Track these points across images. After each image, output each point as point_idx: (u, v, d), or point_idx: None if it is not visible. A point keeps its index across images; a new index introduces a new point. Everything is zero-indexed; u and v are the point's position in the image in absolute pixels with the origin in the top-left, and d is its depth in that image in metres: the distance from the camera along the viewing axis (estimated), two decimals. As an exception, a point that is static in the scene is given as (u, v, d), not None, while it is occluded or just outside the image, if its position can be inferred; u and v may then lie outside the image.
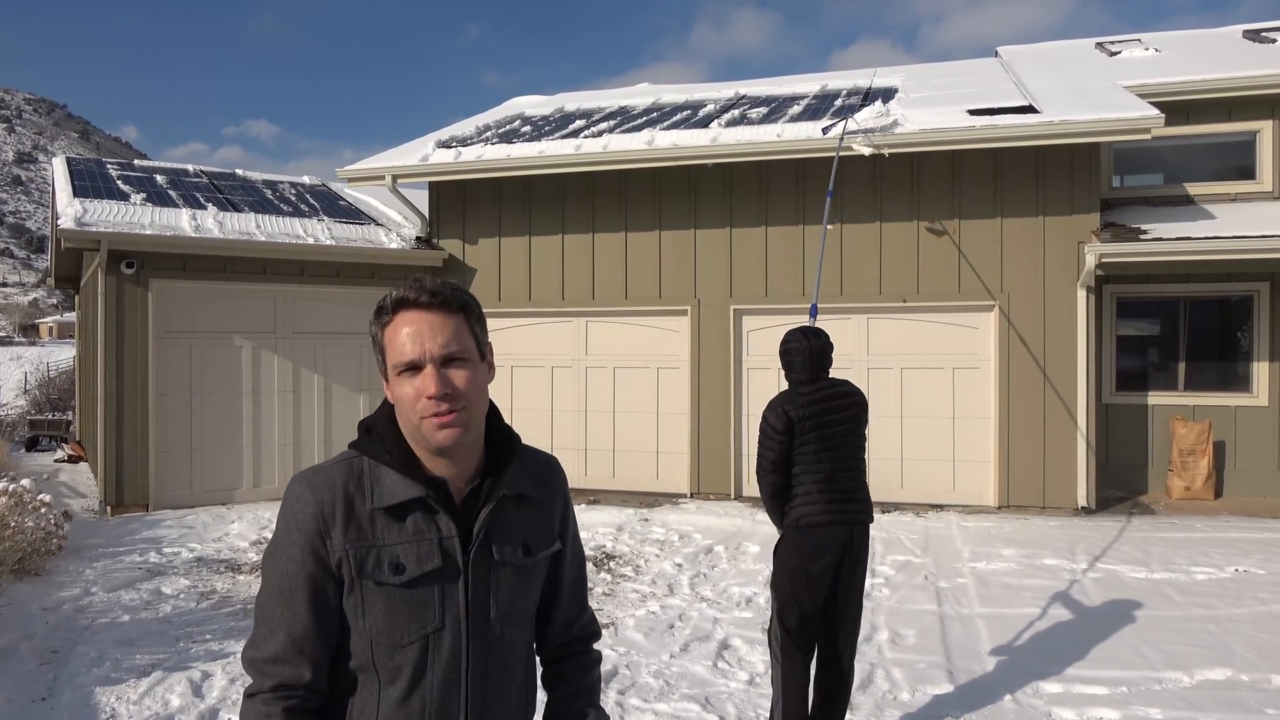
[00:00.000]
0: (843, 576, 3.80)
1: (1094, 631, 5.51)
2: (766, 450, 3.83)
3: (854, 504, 3.82)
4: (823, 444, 3.79)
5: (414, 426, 1.48)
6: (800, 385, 3.90)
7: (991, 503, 9.18)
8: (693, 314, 10.04)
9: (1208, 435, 9.40)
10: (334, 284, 10.30)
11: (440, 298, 1.49)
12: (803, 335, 3.94)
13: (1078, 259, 8.91)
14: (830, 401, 3.86)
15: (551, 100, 14.31)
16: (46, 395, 20.62)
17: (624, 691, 4.68)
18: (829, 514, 3.76)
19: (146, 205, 9.89)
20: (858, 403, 3.94)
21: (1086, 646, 5.26)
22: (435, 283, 1.50)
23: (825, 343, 3.96)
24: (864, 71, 13.11)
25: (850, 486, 3.83)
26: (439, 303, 1.48)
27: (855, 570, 3.83)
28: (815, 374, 3.90)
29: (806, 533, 3.76)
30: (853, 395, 3.94)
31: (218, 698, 4.59)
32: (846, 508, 3.79)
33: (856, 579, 3.85)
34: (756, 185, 9.86)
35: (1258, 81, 9.73)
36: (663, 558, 7.45)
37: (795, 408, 3.80)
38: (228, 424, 9.78)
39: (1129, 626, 5.58)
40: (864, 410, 3.96)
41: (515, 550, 1.57)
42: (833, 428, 3.83)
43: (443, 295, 1.49)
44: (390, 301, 1.50)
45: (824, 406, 3.84)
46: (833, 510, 3.76)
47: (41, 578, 6.61)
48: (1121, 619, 5.72)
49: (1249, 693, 4.58)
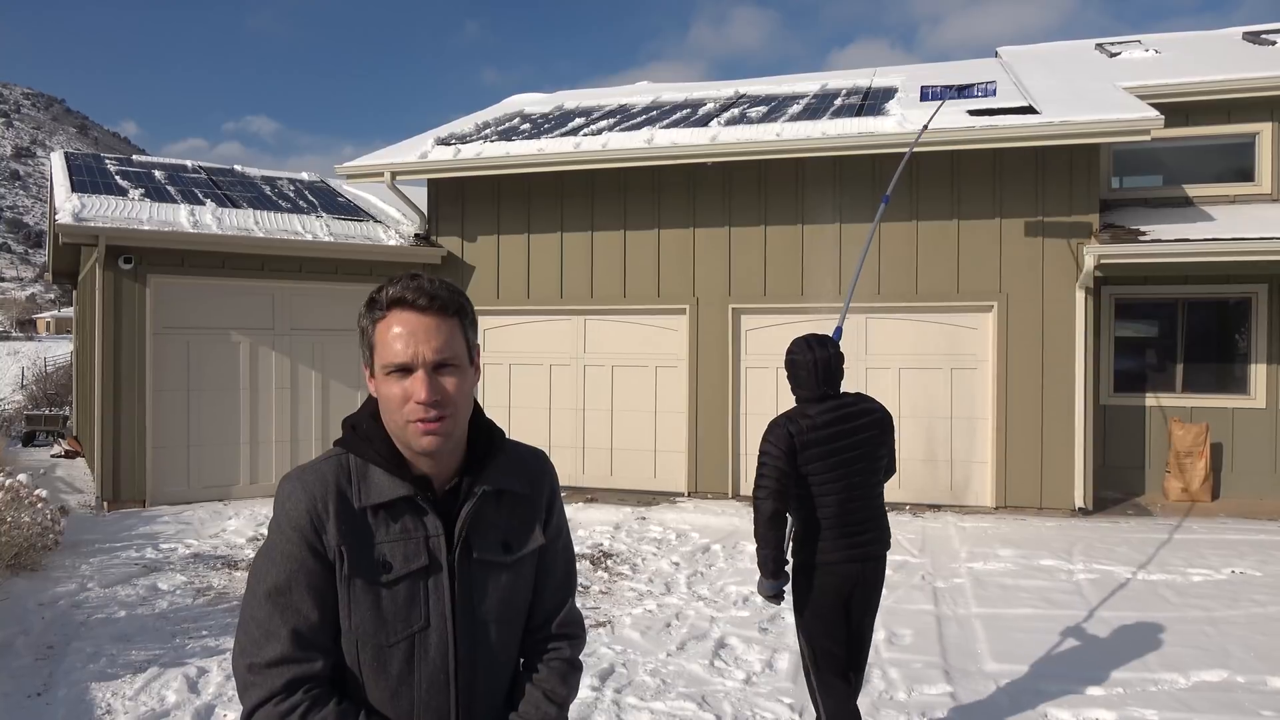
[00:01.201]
0: (853, 612, 3.54)
1: (1090, 633, 5.51)
2: (764, 475, 3.43)
3: (865, 537, 3.47)
4: (831, 471, 3.42)
5: (399, 427, 1.48)
6: (809, 404, 3.50)
7: (989, 503, 9.19)
8: (691, 313, 10.04)
9: (1205, 437, 9.41)
10: (332, 281, 10.28)
11: (438, 302, 1.47)
12: (808, 345, 3.54)
13: (1076, 260, 8.92)
14: (843, 424, 3.46)
15: (551, 98, 14.30)
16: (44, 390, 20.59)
17: (620, 690, 4.68)
18: (836, 550, 3.44)
19: (145, 201, 9.87)
20: (878, 421, 3.54)
21: (1083, 647, 5.26)
22: (433, 284, 1.48)
23: (835, 353, 3.52)
24: (864, 71, 13.11)
25: (861, 518, 3.47)
26: (436, 306, 1.47)
27: (866, 605, 3.56)
28: (825, 390, 3.49)
29: (820, 572, 3.46)
30: (871, 413, 3.54)
31: (214, 694, 4.59)
32: (857, 542, 3.45)
33: (867, 614, 3.59)
34: (756, 184, 9.86)
35: (1257, 83, 9.73)
36: (660, 556, 7.44)
37: (799, 430, 3.41)
38: (225, 420, 9.76)
39: (1125, 628, 5.59)
40: (886, 429, 3.56)
41: (495, 549, 1.56)
42: (846, 453, 3.44)
43: (440, 299, 1.47)
44: (386, 298, 1.48)
45: (835, 430, 3.44)
46: (841, 547, 3.44)
47: (38, 573, 6.60)
48: (1118, 620, 5.72)
49: (1245, 694, 4.59)
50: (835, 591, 3.47)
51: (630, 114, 11.70)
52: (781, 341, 10.19)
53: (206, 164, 12.82)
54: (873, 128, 9.08)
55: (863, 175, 9.51)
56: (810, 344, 3.55)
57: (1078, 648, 5.26)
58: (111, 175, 10.99)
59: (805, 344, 3.56)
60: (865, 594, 3.54)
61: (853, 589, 3.49)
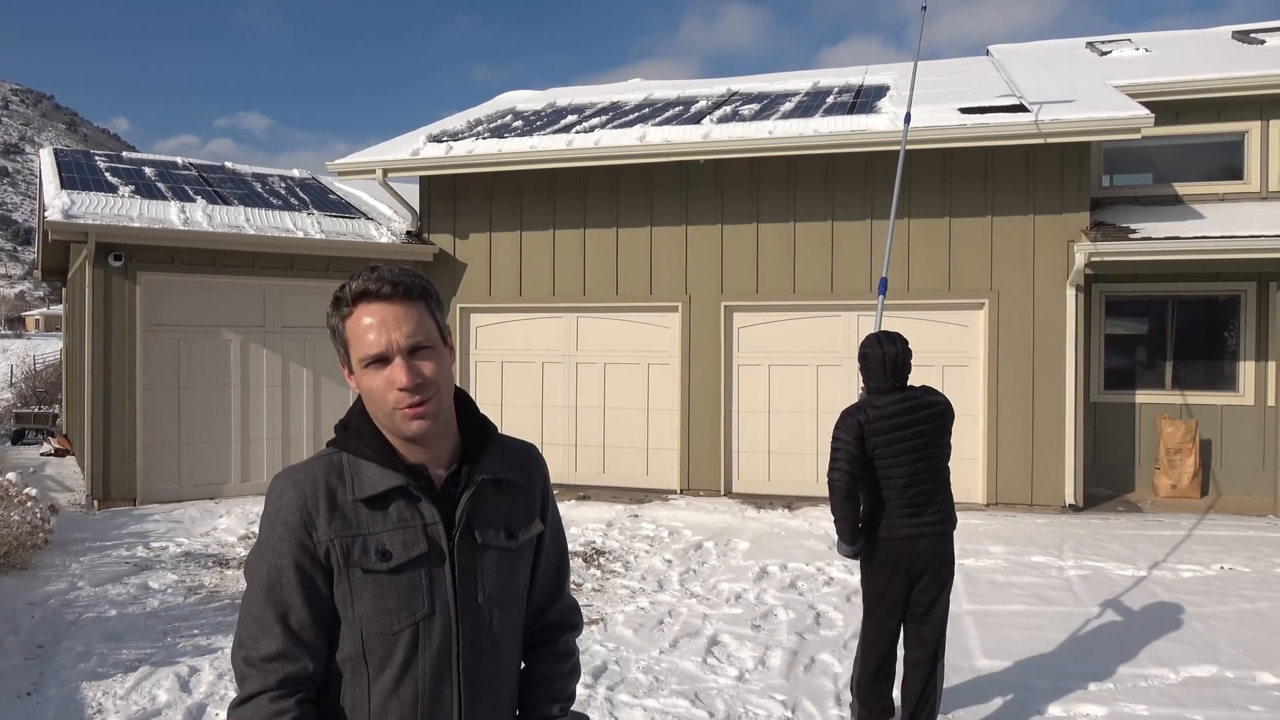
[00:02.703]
0: (922, 591, 3.84)
1: (1081, 629, 5.54)
2: (838, 458, 3.81)
3: (927, 516, 3.80)
4: (896, 457, 3.76)
5: (386, 416, 1.50)
6: (878, 395, 3.84)
7: (980, 500, 9.22)
8: (684, 310, 10.04)
9: (1194, 434, 9.46)
10: (324, 278, 10.24)
11: (401, 288, 1.49)
12: (879, 341, 3.86)
13: (1067, 258, 8.95)
14: (909, 414, 3.79)
15: (543, 95, 14.28)
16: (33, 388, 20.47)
17: (613, 687, 4.68)
18: (899, 527, 3.78)
19: (135, 198, 9.82)
20: (940, 412, 3.87)
21: (1073, 644, 5.29)
22: (393, 272, 1.50)
23: (903, 349, 3.86)
24: (856, 69, 13.13)
25: (924, 500, 3.80)
26: (400, 293, 1.49)
27: (934, 582, 3.83)
28: (893, 382, 3.83)
29: (884, 548, 3.81)
30: (935, 405, 3.87)
31: (205, 693, 4.57)
32: (919, 520, 3.78)
33: (938, 594, 3.86)
34: (748, 182, 9.86)
35: (1246, 82, 9.77)
36: (652, 554, 7.45)
37: (867, 419, 3.77)
38: (216, 418, 9.73)
39: (1115, 624, 5.62)
40: (947, 419, 3.89)
41: (498, 533, 1.58)
42: (911, 440, 3.78)
43: (404, 285, 1.49)
44: (350, 293, 1.50)
45: (901, 420, 3.77)
46: (903, 524, 3.77)
47: (27, 572, 6.56)
48: (1108, 616, 5.75)
49: (1234, 690, 4.62)
50: (895, 564, 3.82)
51: (623, 111, 11.69)
52: (773, 339, 10.27)
53: (197, 161, 12.76)
54: (865, 125, 9.10)
55: (855, 173, 9.52)
56: (881, 340, 3.88)
57: (1068, 644, 5.28)
58: (101, 172, 10.93)
59: (876, 340, 3.89)
60: (931, 571, 3.83)
61: (916, 565, 3.82)
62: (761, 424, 9.90)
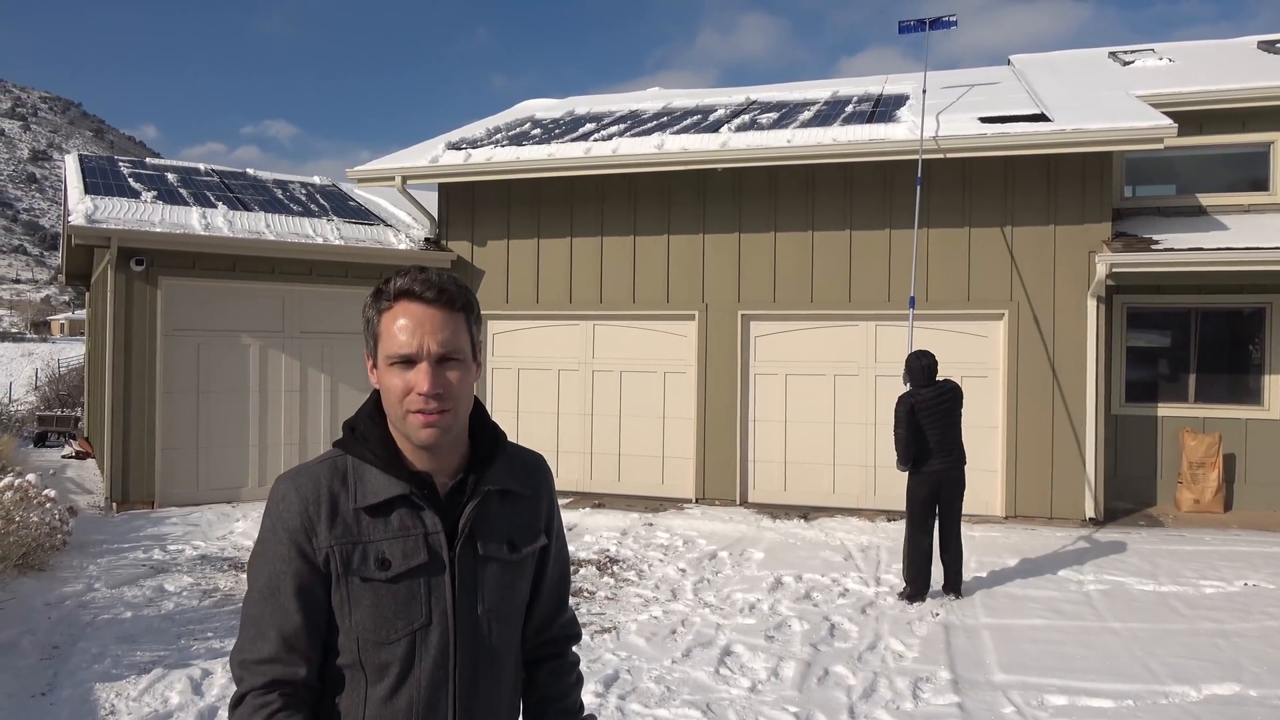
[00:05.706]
0: (946, 505, 6.39)
1: (1100, 644, 5.46)
2: (900, 423, 6.30)
3: (950, 458, 6.32)
4: (932, 422, 6.26)
5: (399, 418, 1.48)
6: (919, 388, 6.34)
7: (999, 513, 9.12)
8: (700, 319, 10.02)
9: (1218, 448, 9.32)
10: (342, 284, 10.31)
11: (446, 295, 1.47)
12: (919, 356, 6.41)
13: (1088, 268, 8.86)
14: (937, 399, 6.31)
15: (562, 103, 14.33)
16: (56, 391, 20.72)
17: (624, 697, 4.65)
18: (934, 464, 6.28)
19: (157, 203, 9.92)
20: (955, 395, 6.39)
21: (1092, 659, 5.21)
22: (441, 277, 1.49)
23: (932, 361, 6.41)
24: (875, 78, 13.08)
25: (949, 448, 6.32)
26: (444, 300, 1.47)
27: (953, 499, 6.37)
28: (927, 381, 6.35)
29: (924, 476, 6.31)
30: (952, 390, 6.39)
31: (217, 696, 4.58)
32: (947, 460, 6.31)
33: (954, 507, 6.39)
34: (766, 191, 9.84)
35: (1272, 92, 9.65)
36: (666, 563, 7.42)
37: (916, 401, 6.28)
38: (234, 422, 9.79)
39: (1135, 639, 5.53)
40: (959, 399, 6.40)
41: (500, 545, 1.56)
42: (939, 411, 6.28)
43: (448, 293, 1.48)
44: (393, 289, 1.48)
45: (933, 401, 6.29)
46: (936, 462, 6.28)
47: (45, 573, 6.62)
48: (1128, 632, 5.67)
49: (1257, 708, 4.53)
50: (932, 487, 6.32)
51: (641, 120, 11.70)
52: (790, 348, 10.23)
53: (219, 167, 12.89)
54: (884, 134, 9.05)
55: (874, 182, 9.48)
56: (920, 355, 6.42)
57: (1087, 659, 5.21)
58: (124, 177, 11.06)
59: (917, 355, 6.42)
60: (951, 493, 6.37)
61: (943, 488, 6.33)
62: (778, 434, 9.85)
